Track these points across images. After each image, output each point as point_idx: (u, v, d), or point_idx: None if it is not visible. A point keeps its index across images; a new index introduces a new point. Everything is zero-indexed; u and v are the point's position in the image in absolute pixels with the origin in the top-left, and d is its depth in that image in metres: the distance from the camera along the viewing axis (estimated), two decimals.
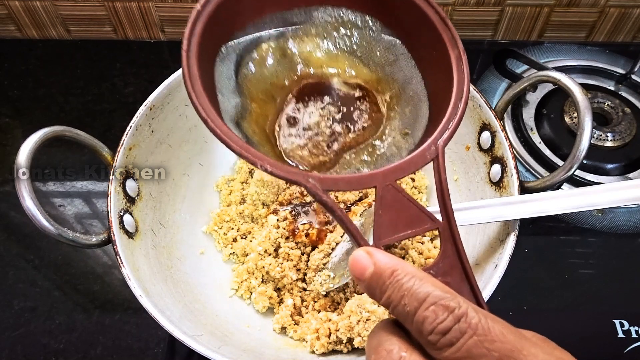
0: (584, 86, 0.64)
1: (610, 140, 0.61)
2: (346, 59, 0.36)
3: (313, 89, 0.35)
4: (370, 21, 0.36)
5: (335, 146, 0.35)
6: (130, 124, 0.45)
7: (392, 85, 0.36)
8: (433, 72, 0.34)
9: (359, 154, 0.34)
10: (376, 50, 0.36)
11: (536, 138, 0.62)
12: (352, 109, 0.35)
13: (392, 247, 0.49)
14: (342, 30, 0.35)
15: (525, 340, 0.21)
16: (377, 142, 0.35)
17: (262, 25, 0.34)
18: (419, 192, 0.53)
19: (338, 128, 0.35)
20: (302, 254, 0.49)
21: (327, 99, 0.35)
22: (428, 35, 0.33)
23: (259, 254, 0.49)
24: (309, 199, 0.51)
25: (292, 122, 0.35)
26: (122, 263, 0.39)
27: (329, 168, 0.34)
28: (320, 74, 0.35)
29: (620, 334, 0.49)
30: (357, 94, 0.36)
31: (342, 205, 0.51)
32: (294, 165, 0.33)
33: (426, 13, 0.33)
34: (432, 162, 0.29)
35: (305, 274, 0.48)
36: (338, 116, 0.35)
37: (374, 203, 0.29)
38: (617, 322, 0.49)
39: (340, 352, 0.44)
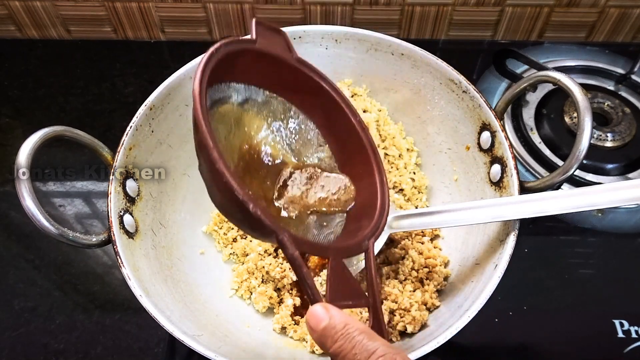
0: (584, 86, 0.64)
1: (610, 140, 0.61)
2: (281, 146, 0.41)
3: (256, 157, 0.40)
4: (310, 124, 0.42)
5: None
6: (130, 124, 0.45)
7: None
8: (357, 183, 0.41)
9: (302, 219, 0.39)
10: (308, 151, 0.42)
11: (536, 138, 0.62)
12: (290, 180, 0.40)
13: (392, 246, 0.49)
14: (287, 123, 0.41)
15: None
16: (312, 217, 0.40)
17: (234, 88, 0.38)
18: (419, 192, 0.53)
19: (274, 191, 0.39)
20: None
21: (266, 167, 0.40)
22: (360, 156, 0.41)
23: (259, 254, 0.49)
24: None
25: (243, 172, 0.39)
26: (122, 263, 0.39)
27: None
28: (262, 148, 0.40)
29: (620, 334, 0.49)
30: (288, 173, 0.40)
31: None
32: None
33: (361, 138, 0.41)
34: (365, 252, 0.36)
35: None
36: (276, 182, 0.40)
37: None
38: (617, 322, 0.49)
39: None
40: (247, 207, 0.29)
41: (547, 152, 0.61)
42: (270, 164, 0.39)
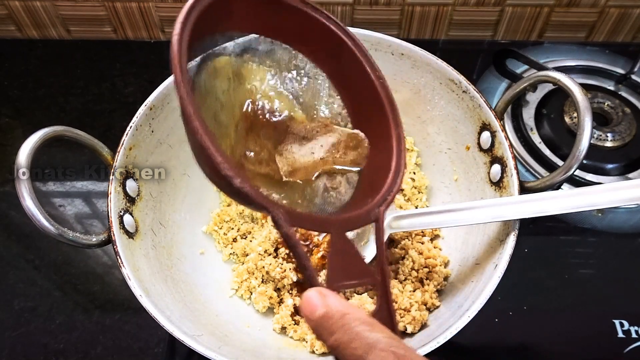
0: (584, 86, 0.64)
1: (610, 140, 0.61)
2: (288, 100, 0.36)
3: (259, 114, 0.36)
4: (320, 74, 0.37)
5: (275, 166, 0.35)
6: (130, 124, 0.45)
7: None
8: (371, 143, 0.36)
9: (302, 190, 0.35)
10: (318, 104, 0.38)
11: (536, 138, 0.62)
12: (294, 139, 0.36)
13: (392, 246, 0.49)
14: (294, 73, 0.37)
15: None
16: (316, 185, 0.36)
17: (230, 38, 0.34)
18: (419, 192, 0.53)
19: (272, 154, 0.35)
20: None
21: (270, 125, 0.36)
22: (376, 112, 0.35)
23: (259, 254, 0.49)
24: None
25: (241, 139, 0.35)
26: (122, 263, 0.39)
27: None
28: (265, 104, 0.36)
29: (620, 334, 0.49)
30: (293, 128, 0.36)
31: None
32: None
33: (378, 92, 0.35)
34: (374, 223, 0.31)
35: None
36: (278, 143, 0.36)
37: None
38: (617, 322, 0.49)
39: None
40: (232, 182, 0.26)
41: (547, 152, 0.61)
42: (275, 120, 0.35)
